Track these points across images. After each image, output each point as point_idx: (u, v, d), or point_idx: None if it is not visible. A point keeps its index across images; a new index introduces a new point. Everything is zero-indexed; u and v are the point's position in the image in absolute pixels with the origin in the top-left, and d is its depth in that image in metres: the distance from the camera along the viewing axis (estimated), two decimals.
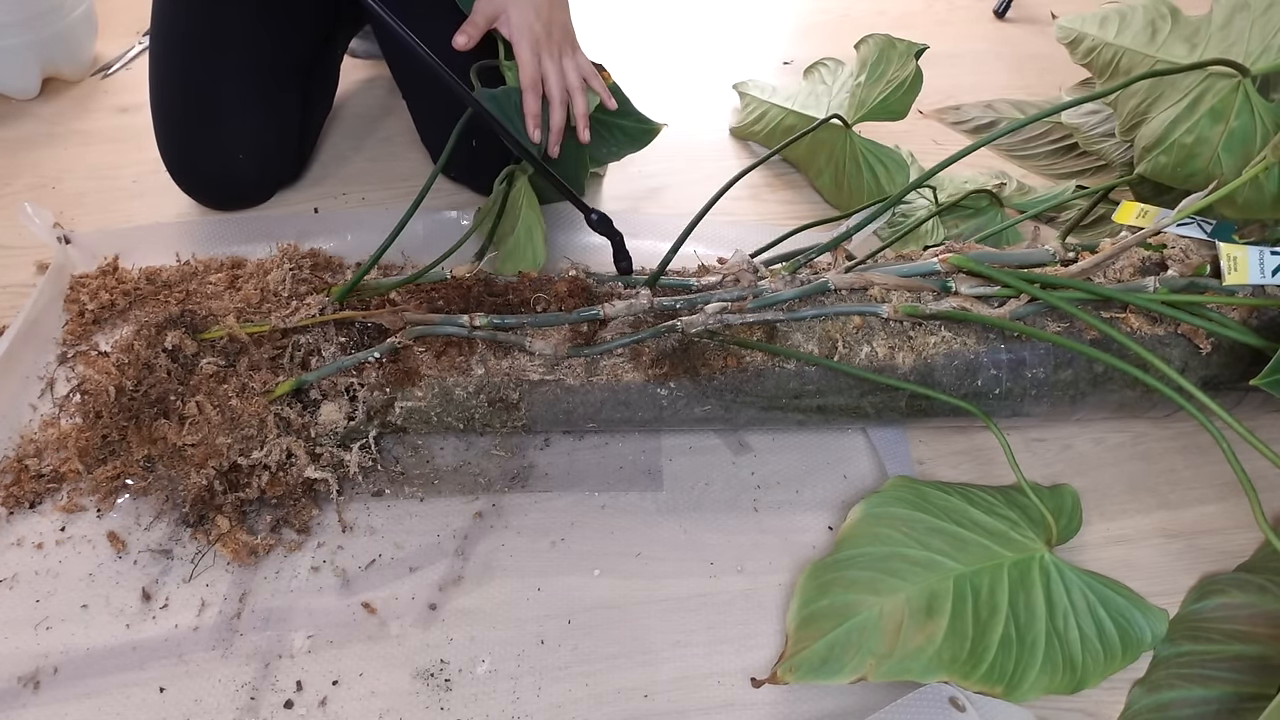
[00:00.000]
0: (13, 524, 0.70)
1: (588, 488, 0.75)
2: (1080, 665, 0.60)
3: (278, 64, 0.96)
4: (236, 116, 0.94)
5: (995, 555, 0.65)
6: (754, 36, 1.37)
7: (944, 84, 1.22)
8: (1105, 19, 1.05)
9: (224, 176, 0.96)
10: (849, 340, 0.72)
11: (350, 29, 1.09)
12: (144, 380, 0.70)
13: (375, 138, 1.11)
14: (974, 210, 0.97)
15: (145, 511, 0.71)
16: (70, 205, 1.00)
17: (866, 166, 0.98)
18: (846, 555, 0.65)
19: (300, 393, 0.72)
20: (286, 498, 0.70)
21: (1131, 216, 0.73)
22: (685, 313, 0.73)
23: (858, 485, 0.76)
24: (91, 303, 0.84)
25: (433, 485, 0.75)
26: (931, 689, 0.60)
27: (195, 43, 0.92)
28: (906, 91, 0.93)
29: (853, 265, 0.76)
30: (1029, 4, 1.45)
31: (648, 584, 0.69)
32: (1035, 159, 1.10)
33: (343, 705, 0.62)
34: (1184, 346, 0.71)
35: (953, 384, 0.72)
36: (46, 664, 0.63)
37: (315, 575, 0.68)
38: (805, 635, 0.61)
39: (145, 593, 0.67)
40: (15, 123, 1.12)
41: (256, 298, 0.77)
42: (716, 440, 0.79)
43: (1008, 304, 0.70)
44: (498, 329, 0.72)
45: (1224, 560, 0.71)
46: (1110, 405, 0.75)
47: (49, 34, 1.10)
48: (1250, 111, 0.76)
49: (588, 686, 0.63)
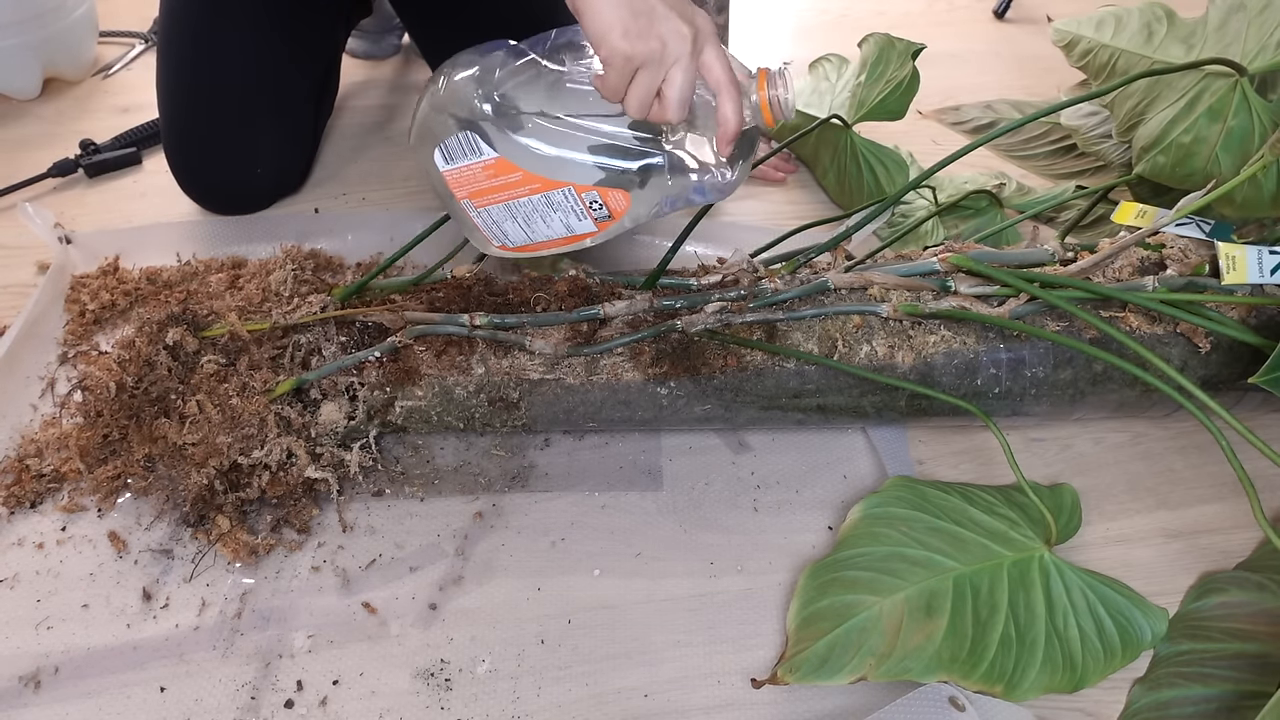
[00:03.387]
0: (13, 524, 0.70)
1: (588, 488, 0.75)
2: (1080, 664, 0.60)
3: (292, 73, 0.96)
4: (255, 130, 0.94)
5: (995, 555, 0.65)
6: (754, 36, 1.37)
7: (944, 84, 1.22)
8: (1101, 21, 1.05)
9: (239, 188, 0.96)
10: (849, 339, 0.72)
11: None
12: (145, 378, 0.71)
13: (376, 138, 1.11)
14: (974, 211, 0.97)
15: (146, 511, 0.71)
16: (71, 205, 1.00)
17: (866, 166, 0.98)
18: (846, 555, 0.66)
19: (300, 392, 0.72)
20: (287, 497, 0.70)
21: (1130, 217, 0.73)
22: (685, 312, 0.73)
23: (857, 485, 0.76)
24: (92, 303, 0.84)
25: (433, 485, 0.75)
26: (931, 689, 0.60)
27: (209, 54, 0.91)
28: (904, 92, 0.93)
29: (852, 265, 0.76)
30: (1029, 4, 1.45)
31: (648, 584, 0.69)
32: (1034, 159, 1.10)
33: (343, 705, 0.62)
34: (1183, 345, 0.71)
35: (952, 383, 0.72)
36: (47, 663, 0.63)
37: (315, 575, 0.68)
38: (805, 635, 0.61)
39: (146, 592, 0.67)
40: (15, 123, 1.12)
41: (258, 297, 0.77)
42: (716, 440, 0.79)
43: (1007, 303, 0.71)
44: (498, 328, 0.72)
45: (1224, 559, 0.72)
46: (1110, 404, 0.75)
47: (49, 34, 1.10)
48: (1248, 110, 0.76)
49: (588, 686, 0.63)
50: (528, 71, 0.61)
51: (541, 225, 0.65)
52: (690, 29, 0.55)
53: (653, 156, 0.61)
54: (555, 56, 0.61)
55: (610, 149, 0.61)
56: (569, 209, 0.63)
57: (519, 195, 0.63)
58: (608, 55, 0.54)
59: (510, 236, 0.66)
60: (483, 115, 0.60)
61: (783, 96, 0.59)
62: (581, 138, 0.60)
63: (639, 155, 0.61)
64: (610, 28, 0.53)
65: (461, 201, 0.65)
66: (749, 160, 0.63)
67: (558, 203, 0.63)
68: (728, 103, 0.57)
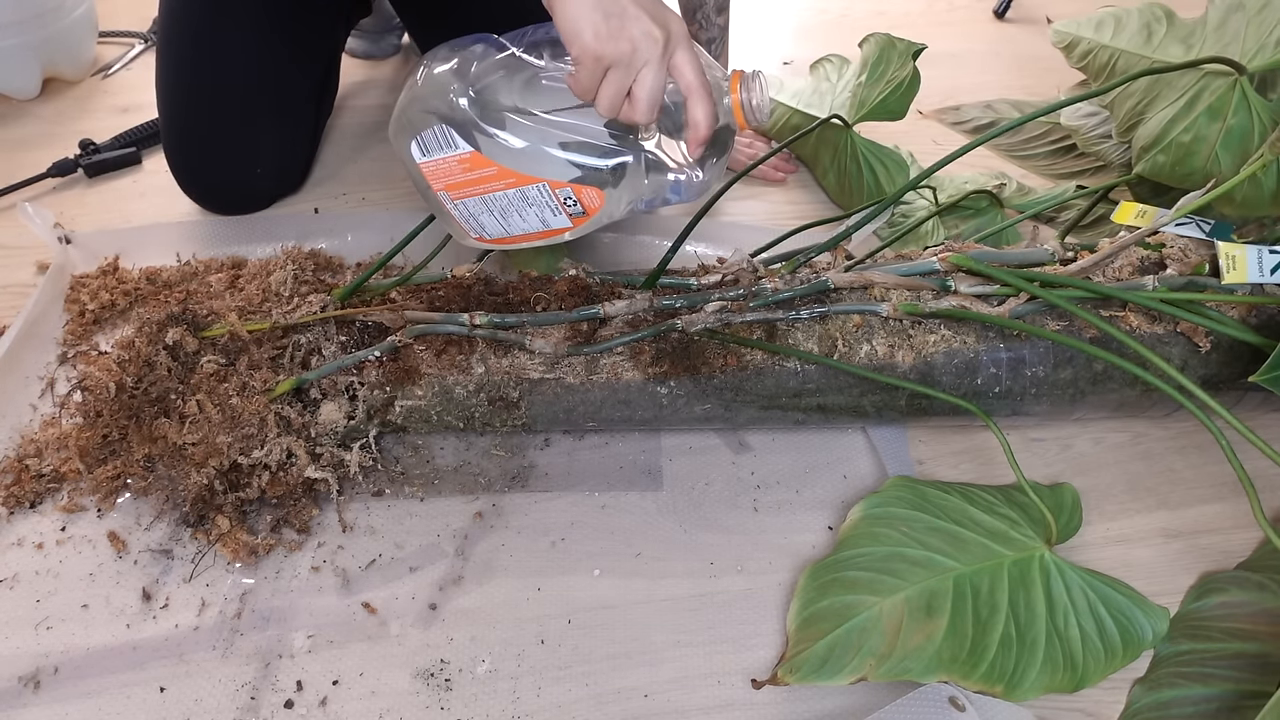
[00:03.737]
0: (13, 524, 0.70)
1: (588, 488, 0.75)
2: (1081, 664, 0.60)
3: (293, 72, 0.96)
4: (255, 130, 0.94)
5: (995, 554, 0.65)
6: (754, 36, 1.37)
7: (944, 84, 1.22)
8: (1100, 22, 1.05)
9: (240, 189, 0.96)
10: (849, 339, 0.72)
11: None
12: (145, 378, 0.71)
13: (375, 138, 1.11)
14: (974, 211, 0.97)
15: (145, 511, 0.71)
16: (70, 205, 1.00)
17: (867, 166, 0.98)
18: (846, 555, 0.66)
19: (300, 392, 0.72)
20: (287, 497, 0.70)
21: (1130, 217, 0.73)
22: (685, 312, 0.73)
23: (858, 485, 0.76)
24: (92, 303, 0.84)
25: (433, 485, 0.75)
26: (931, 689, 0.60)
27: (209, 54, 0.91)
28: (905, 92, 0.93)
29: (852, 265, 0.76)
30: (1029, 4, 1.45)
31: (648, 584, 0.69)
32: (1035, 160, 1.10)
33: (343, 705, 0.62)
34: (1183, 345, 0.71)
35: (952, 382, 0.72)
36: (47, 664, 0.63)
37: (315, 575, 0.68)
38: (805, 636, 0.61)
39: (145, 592, 0.67)
40: (15, 123, 1.12)
41: (258, 297, 0.77)
42: (716, 440, 0.79)
43: (1007, 302, 0.70)
44: (498, 327, 0.72)
45: (1224, 559, 0.71)
46: (1110, 404, 0.75)
47: (49, 34, 1.10)
48: (1247, 109, 0.76)
49: (588, 686, 0.63)
50: (506, 67, 0.61)
51: (517, 219, 0.65)
52: (662, 31, 0.56)
53: (626, 155, 0.61)
54: (535, 51, 0.62)
55: (585, 146, 0.61)
56: (544, 204, 0.63)
57: (494, 189, 0.63)
58: (579, 54, 0.55)
59: (487, 229, 0.67)
60: (459, 109, 0.61)
61: (755, 100, 0.60)
62: (556, 134, 0.61)
63: (613, 154, 0.61)
64: (582, 28, 0.54)
65: (438, 193, 0.65)
66: (722, 161, 0.63)
67: (533, 198, 0.63)
68: (698, 105, 0.57)
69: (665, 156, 0.62)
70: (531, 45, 0.62)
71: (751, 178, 1.06)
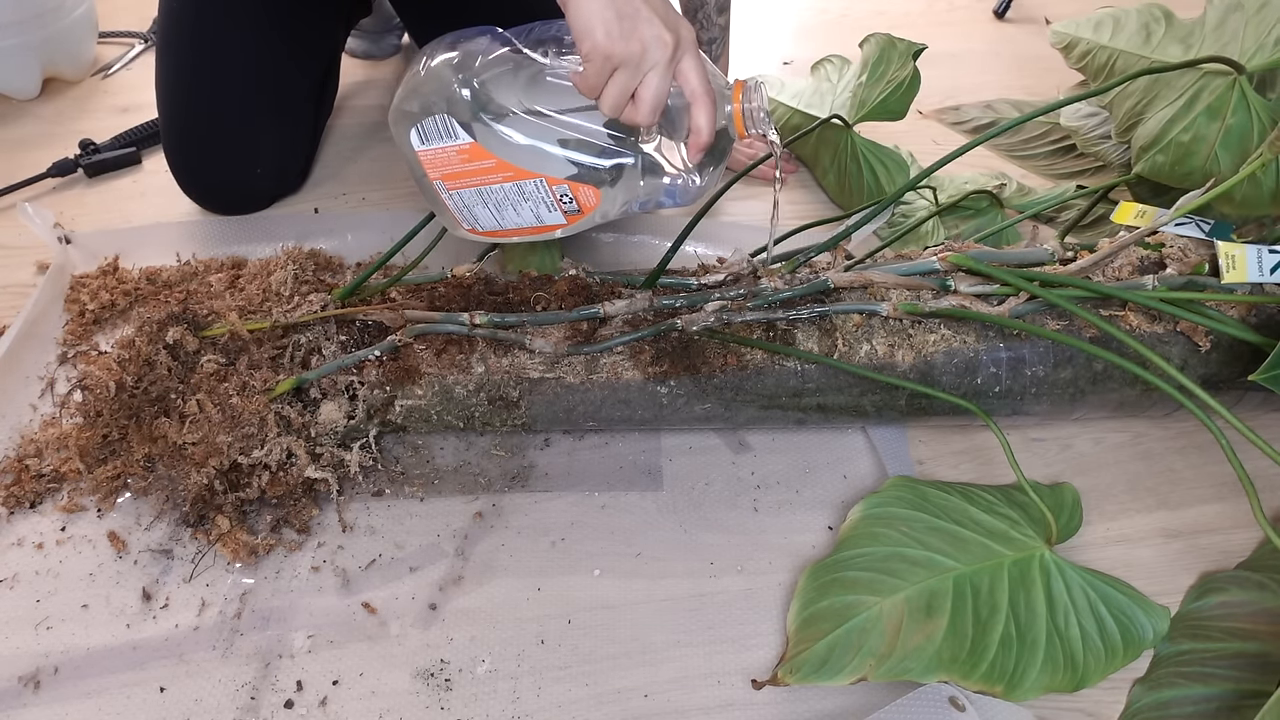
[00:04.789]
0: (13, 524, 0.70)
1: (588, 488, 0.75)
2: (1081, 664, 0.60)
3: (293, 72, 0.96)
4: (255, 129, 0.94)
5: (995, 554, 0.65)
6: (754, 36, 1.37)
7: (944, 84, 1.22)
8: (1099, 23, 1.05)
9: (240, 188, 0.96)
10: (849, 338, 0.72)
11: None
12: (145, 377, 0.71)
13: (375, 138, 1.11)
14: (974, 211, 0.97)
15: (145, 511, 0.71)
16: (70, 205, 1.00)
17: (867, 166, 0.98)
18: (846, 555, 0.65)
19: (300, 391, 0.72)
20: (286, 497, 0.70)
21: (1130, 216, 0.73)
22: (685, 311, 0.73)
23: (858, 485, 0.76)
24: (92, 303, 0.84)
25: (433, 485, 0.75)
26: (931, 689, 0.60)
27: (209, 54, 0.92)
28: (905, 92, 0.93)
29: (852, 264, 0.76)
30: (1029, 4, 1.45)
31: (648, 584, 0.69)
32: (1035, 160, 1.10)
33: (343, 705, 0.62)
34: (1183, 344, 0.71)
35: (952, 382, 0.72)
36: (47, 664, 0.63)
37: (315, 575, 0.68)
38: (805, 636, 0.61)
39: (145, 592, 0.67)
40: (15, 123, 1.12)
41: (259, 297, 0.77)
42: (716, 440, 0.79)
43: (1007, 302, 0.70)
44: (498, 327, 0.72)
45: (1224, 559, 0.71)
46: (1110, 404, 0.75)
47: (49, 34, 1.10)
48: (1247, 108, 0.76)
49: (588, 686, 0.63)
50: (509, 61, 0.61)
51: (512, 213, 0.65)
52: (672, 36, 0.56)
53: (625, 156, 0.61)
54: (538, 48, 0.62)
55: (584, 145, 0.61)
56: (540, 200, 0.63)
57: (491, 182, 0.63)
58: (589, 52, 0.55)
59: (480, 221, 0.67)
60: (461, 100, 0.61)
61: (756, 109, 0.60)
62: (556, 131, 0.61)
63: (612, 154, 0.61)
64: (594, 25, 0.55)
65: (434, 182, 0.65)
66: (719, 168, 0.64)
67: (529, 193, 0.63)
68: (701, 112, 0.58)
69: (663, 160, 0.62)
70: (536, 42, 0.62)
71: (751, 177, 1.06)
